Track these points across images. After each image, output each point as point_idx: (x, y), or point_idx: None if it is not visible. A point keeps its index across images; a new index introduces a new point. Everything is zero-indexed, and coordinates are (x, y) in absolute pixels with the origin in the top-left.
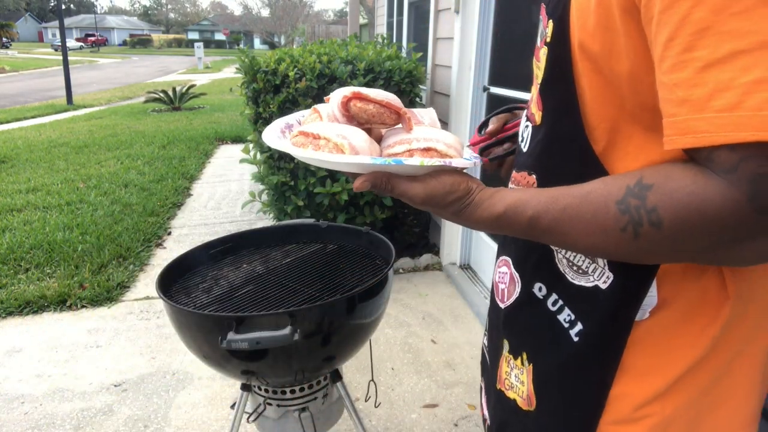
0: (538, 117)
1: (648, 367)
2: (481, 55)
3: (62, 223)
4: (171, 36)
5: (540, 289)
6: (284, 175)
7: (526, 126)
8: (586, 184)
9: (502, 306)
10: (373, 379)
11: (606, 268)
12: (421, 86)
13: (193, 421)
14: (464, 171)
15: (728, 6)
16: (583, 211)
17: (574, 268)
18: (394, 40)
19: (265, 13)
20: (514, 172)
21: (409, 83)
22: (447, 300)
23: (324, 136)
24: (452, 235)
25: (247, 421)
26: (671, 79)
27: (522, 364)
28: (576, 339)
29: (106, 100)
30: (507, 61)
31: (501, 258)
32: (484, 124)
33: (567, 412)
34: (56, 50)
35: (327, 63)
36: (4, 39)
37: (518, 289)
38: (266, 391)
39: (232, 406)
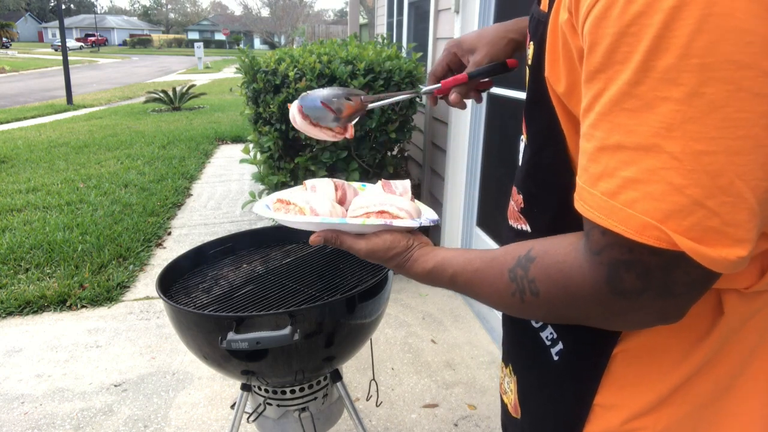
0: (524, 137)
1: (638, 378)
2: None
3: (62, 223)
4: (171, 36)
5: None
6: (284, 175)
7: (521, 138)
8: (494, 250)
9: None
10: (374, 378)
11: None
12: (421, 86)
13: (193, 421)
14: (413, 230)
15: (623, 101)
16: (487, 275)
17: None
18: (394, 40)
19: (265, 13)
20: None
21: (409, 83)
22: (447, 300)
23: (293, 201)
24: (452, 235)
25: (248, 421)
26: (581, 144)
27: (511, 373)
28: (556, 358)
29: (106, 100)
30: None
31: None
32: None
33: (547, 425)
34: (56, 50)
35: (327, 63)
36: (4, 39)
37: None
38: (266, 391)
39: (232, 406)
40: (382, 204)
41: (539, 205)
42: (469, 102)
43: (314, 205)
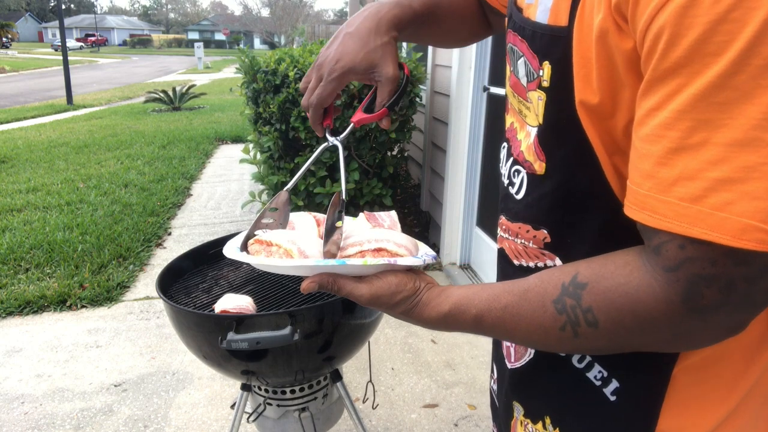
0: (538, 167)
1: (703, 393)
2: (481, 55)
3: (62, 223)
4: (171, 36)
5: None
6: (284, 175)
7: (516, 170)
8: (524, 281)
9: (509, 366)
10: (371, 381)
11: None
12: (421, 86)
13: (193, 421)
14: (417, 269)
15: (713, 94)
16: (522, 311)
17: None
18: None
19: (265, 13)
20: (504, 219)
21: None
22: None
23: (275, 242)
24: (452, 235)
25: (248, 421)
26: (643, 148)
27: (544, 428)
28: (613, 398)
29: (106, 100)
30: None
31: None
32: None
33: None
34: (56, 50)
35: None
36: (4, 39)
37: (531, 350)
38: (266, 391)
39: (232, 406)
40: (377, 240)
41: (575, 235)
42: (468, 99)
43: (302, 245)
